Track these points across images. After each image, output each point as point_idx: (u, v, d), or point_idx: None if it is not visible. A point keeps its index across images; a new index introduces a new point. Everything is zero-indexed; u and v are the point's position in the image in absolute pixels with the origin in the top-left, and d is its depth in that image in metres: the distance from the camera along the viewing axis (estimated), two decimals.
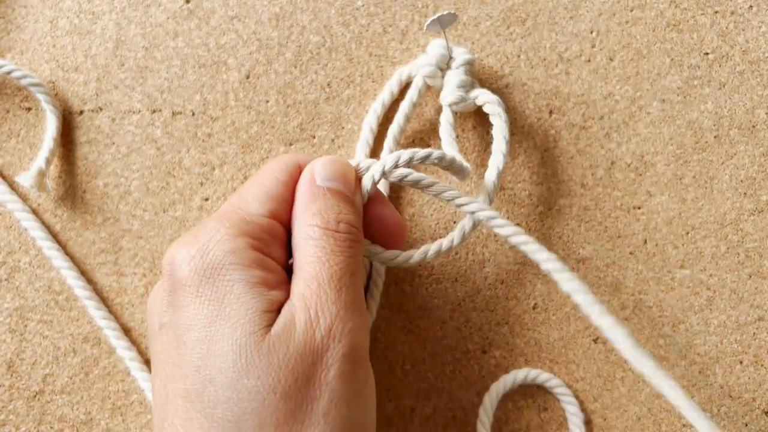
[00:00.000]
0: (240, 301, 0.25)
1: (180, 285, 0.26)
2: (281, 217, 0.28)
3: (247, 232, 0.27)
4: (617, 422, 0.32)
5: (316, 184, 0.28)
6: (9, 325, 0.34)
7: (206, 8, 0.35)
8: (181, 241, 0.27)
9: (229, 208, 0.28)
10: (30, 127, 0.35)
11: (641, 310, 0.33)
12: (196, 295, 0.26)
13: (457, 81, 0.32)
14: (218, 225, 0.27)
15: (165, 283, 0.26)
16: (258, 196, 0.28)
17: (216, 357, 0.25)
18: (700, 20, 0.34)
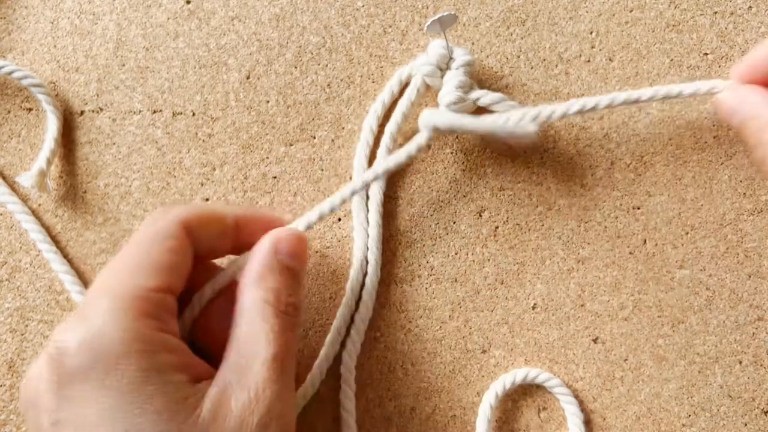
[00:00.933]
0: (158, 392, 0.23)
1: (72, 376, 0.23)
2: (173, 288, 0.26)
3: (143, 311, 0.24)
4: (616, 422, 0.32)
5: (276, 258, 0.27)
6: (10, 325, 0.34)
7: (207, 9, 0.35)
8: (68, 325, 0.24)
9: (114, 282, 0.25)
10: (31, 127, 0.35)
11: (641, 309, 0.33)
12: (98, 387, 0.23)
13: (456, 82, 0.32)
14: (110, 304, 0.24)
15: (49, 372, 0.23)
16: (146, 268, 0.25)
17: None
18: (700, 21, 0.34)
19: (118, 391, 0.23)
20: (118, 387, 0.23)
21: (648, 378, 0.32)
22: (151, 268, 0.26)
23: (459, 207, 0.34)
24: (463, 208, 0.34)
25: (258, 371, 0.25)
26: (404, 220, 0.34)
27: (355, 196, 0.33)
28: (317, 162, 0.34)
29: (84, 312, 0.24)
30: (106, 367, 0.23)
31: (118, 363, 0.23)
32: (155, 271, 0.26)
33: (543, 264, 0.33)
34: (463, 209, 0.34)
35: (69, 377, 0.23)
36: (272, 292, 0.27)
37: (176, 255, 0.26)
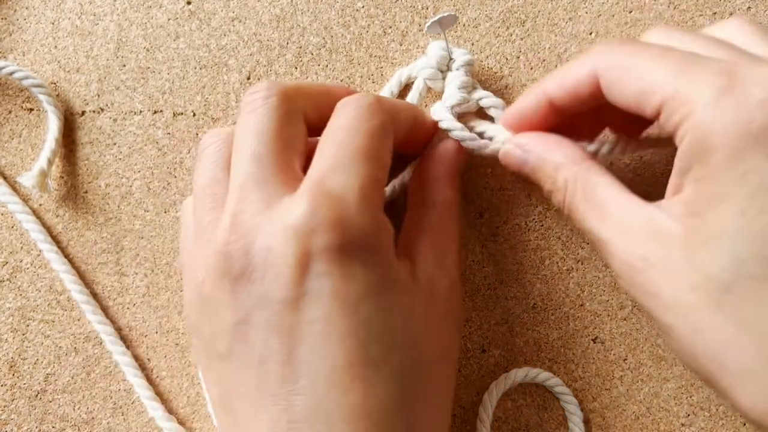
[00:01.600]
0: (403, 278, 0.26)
1: (326, 253, 0.24)
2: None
3: (380, 205, 0.26)
4: (616, 421, 0.32)
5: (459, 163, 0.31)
6: (11, 325, 0.34)
7: (207, 10, 0.35)
8: (315, 207, 0.24)
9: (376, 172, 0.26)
10: (32, 127, 0.35)
11: (640, 309, 0.33)
12: (363, 263, 0.24)
13: (458, 83, 0.32)
14: (360, 195, 0.25)
15: (293, 246, 0.24)
16: (380, 161, 0.26)
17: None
18: (699, 21, 0.34)
19: (377, 273, 0.25)
20: (378, 268, 0.25)
21: (647, 377, 0.33)
22: (384, 163, 0.27)
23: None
24: (463, 208, 0.34)
25: (453, 268, 0.29)
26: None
27: None
28: None
29: (333, 195, 0.24)
30: (366, 251, 0.25)
31: (373, 250, 0.25)
32: (386, 169, 0.27)
33: (542, 264, 0.33)
34: (463, 209, 0.34)
35: (323, 254, 0.24)
36: (459, 196, 0.30)
37: (390, 153, 0.27)
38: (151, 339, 0.34)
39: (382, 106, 0.27)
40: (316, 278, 0.24)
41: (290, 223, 0.24)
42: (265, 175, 0.25)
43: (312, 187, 0.24)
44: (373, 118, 0.27)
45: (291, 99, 0.27)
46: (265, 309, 0.24)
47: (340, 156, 0.25)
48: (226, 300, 0.25)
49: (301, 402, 0.23)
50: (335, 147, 0.26)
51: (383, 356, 0.24)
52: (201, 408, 0.33)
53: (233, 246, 0.24)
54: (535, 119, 0.29)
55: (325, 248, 0.24)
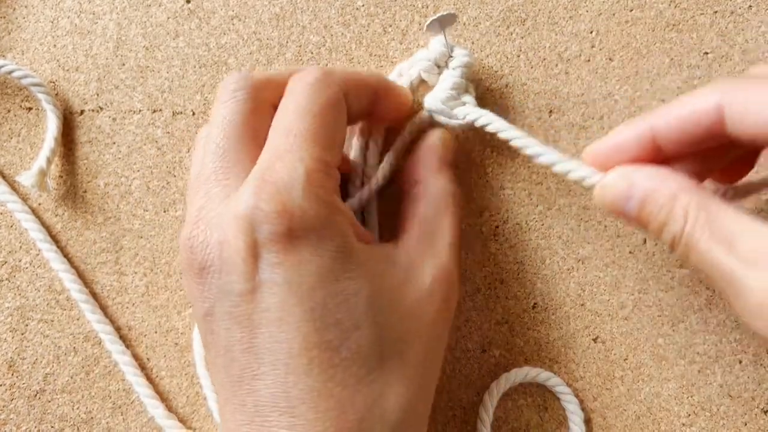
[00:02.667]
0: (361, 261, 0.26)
1: (275, 243, 0.24)
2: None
3: (332, 189, 0.26)
4: (617, 421, 0.32)
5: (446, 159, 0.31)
6: (10, 325, 0.34)
7: (207, 8, 0.35)
8: (261, 194, 0.24)
9: (305, 155, 0.25)
10: (31, 126, 0.35)
11: (641, 309, 0.33)
12: (311, 250, 0.24)
13: (451, 83, 0.31)
14: (304, 179, 0.25)
15: (244, 238, 0.24)
16: (329, 142, 0.26)
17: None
18: (700, 20, 0.34)
19: (329, 258, 0.25)
20: (330, 253, 0.25)
21: (648, 377, 0.32)
22: (333, 143, 0.27)
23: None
24: (464, 207, 0.34)
25: (444, 252, 0.28)
26: None
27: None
28: None
29: (277, 184, 0.24)
30: (315, 237, 0.24)
31: (322, 235, 0.25)
32: (336, 147, 0.27)
33: (543, 263, 0.33)
34: (463, 208, 0.33)
35: (270, 244, 0.24)
36: (454, 185, 0.30)
37: (344, 128, 0.28)
38: (150, 338, 0.34)
39: (332, 80, 0.27)
40: (268, 267, 0.24)
41: (237, 214, 0.24)
42: (228, 168, 0.26)
43: (257, 177, 0.25)
44: (319, 96, 0.26)
45: (260, 91, 0.27)
46: (225, 301, 0.25)
47: (284, 142, 0.25)
48: (193, 292, 0.26)
49: (263, 387, 0.24)
50: (281, 133, 0.26)
51: (341, 338, 0.24)
52: (200, 408, 0.33)
53: (194, 240, 0.25)
54: (628, 157, 0.27)
55: (271, 238, 0.24)
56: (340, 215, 0.26)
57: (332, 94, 0.27)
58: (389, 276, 0.27)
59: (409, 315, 0.27)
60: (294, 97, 0.27)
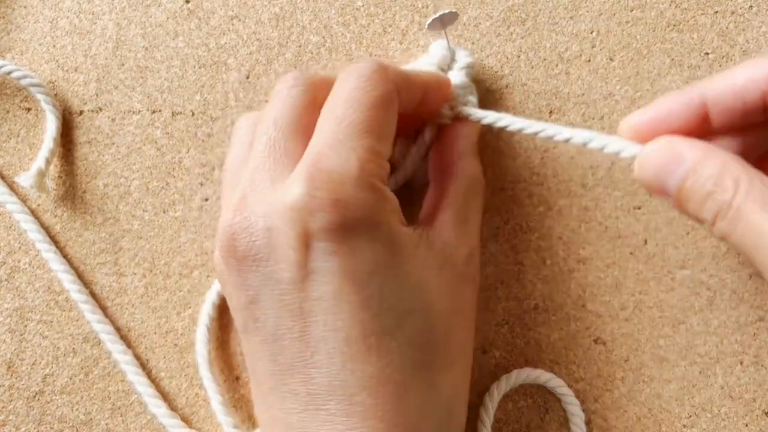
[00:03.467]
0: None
1: (332, 232, 0.24)
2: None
3: (383, 179, 0.26)
4: (618, 422, 0.32)
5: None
6: (9, 326, 0.34)
7: (206, 8, 0.35)
8: (314, 184, 0.24)
9: (356, 145, 0.25)
10: (30, 127, 0.35)
11: (641, 310, 0.33)
12: (367, 240, 0.24)
13: (458, 83, 0.32)
14: (358, 172, 0.25)
15: (294, 227, 0.24)
16: (383, 135, 0.26)
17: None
18: (701, 20, 0.34)
19: (382, 246, 0.25)
20: (383, 241, 0.25)
21: (649, 378, 0.32)
22: (385, 135, 0.26)
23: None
24: None
25: (474, 235, 0.29)
26: None
27: None
28: None
29: (330, 173, 0.24)
30: (368, 225, 0.24)
31: (375, 223, 0.25)
32: (388, 140, 0.27)
33: (544, 264, 0.33)
34: None
35: (324, 233, 0.24)
36: (480, 169, 0.31)
37: (395, 123, 0.27)
38: (149, 339, 0.33)
39: (387, 75, 0.27)
40: (322, 257, 0.24)
41: (288, 203, 0.24)
42: (277, 159, 0.26)
43: (308, 166, 0.24)
44: (374, 89, 0.26)
45: (316, 89, 0.27)
46: (272, 288, 0.24)
47: (336, 131, 0.25)
48: (233, 280, 0.25)
49: (319, 375, 0.24)
50: (332, 122, 0.26)
51: (396, 324, 0.25)
52: (200, 409, 0.33)
53: (237, 227, 0.25)
54: (673, 129, 0.25)
55: (325, 227, 0.24)
56: (390, 203, 0.26)
57: (387, 90, 0.27)
58: (431, 260, 0.27)
59: (450, 298, 0.27)
60: (346, 89, 0.26)
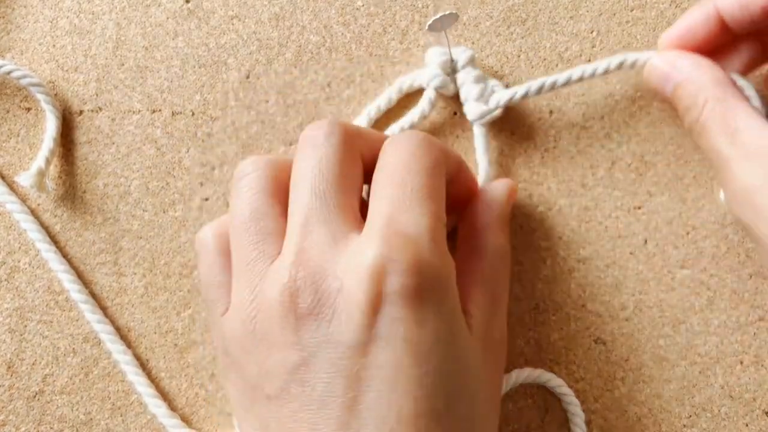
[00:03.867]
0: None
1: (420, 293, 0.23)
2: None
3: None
4: (618, 422, 0.32)
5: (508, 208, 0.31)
6: (9, 326, 0.33)
7: (206, 8, 0.35)
8: (342, 247, 0.24)
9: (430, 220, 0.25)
10: (30, 127, 0.35)
11: (641, 310, 0.33)
12: (433, 309, 0.24)
13: (472, 78, 0.32)
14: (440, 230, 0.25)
15: (371, 291, 0.23)
16: (443, 201, 0.26)
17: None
18: None
19: (446, 320, 0.24)
20: (448, 314, 0.24)
21: (649, 378, 0.32)
22: (443, 200, 0.26)
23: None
24: None
25: (504, 314, 0.29)
26: None
27: None
28: None
29: (407, 235, 0.24)
30: (438, 295, 0.24)
31: (444, 294, 0.24)
32: (444, 206, 0.26)
33: (544, 264, 0.33)
34: None
35: (397, 297, 0.23)
36: (509, 241, 0.30)
37: (445, 189, 0.27)
38: (149, 340, 0.33)
39: (433, 143, 0.27)
40: (389, 322, 0.23)
41: (365, 263, 0.23)
42: (329, 211, 0.25)
43: (383, 227, 0.24)
44: (427, 155, 0.26)
45: (352, 139, 0.27)
46: (330, 351, 0.23)
47: (402, 195, 0.25)
48: (285, 339, 0.24)
49: None
50: (396, 186, 0.25)
51: (446, 408, 0.24)
52: (200, 409, 0.33)
53: (301, 283, 0.24)
54: (699, 38, 0.30)
55: (400, 291, 0.23)
56: (454, 273, 0.25)
57: (438, 157, 0.27)
58: (475, 342, 0.26)
59: (490, 385, 0.27)
60: (400, 155, 0.26)
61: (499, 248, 0.29)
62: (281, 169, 0.27)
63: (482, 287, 0.28)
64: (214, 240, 0.28)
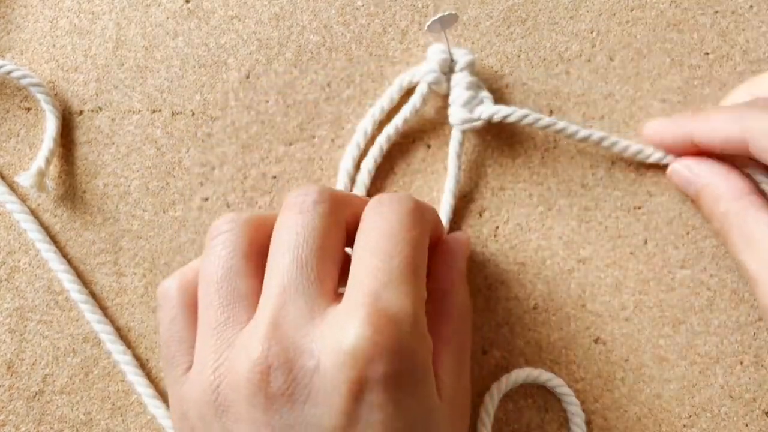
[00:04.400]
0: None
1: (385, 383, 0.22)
2: None
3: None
4: (618, 422, 0.32)
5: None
6: (9, 326, 0.33)
7: (206, 8, 0.35)
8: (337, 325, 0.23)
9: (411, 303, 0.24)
10: (30, 127, 0.35)
11: (641, 310, 0.33)
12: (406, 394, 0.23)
13: (465, 83, 0.32)
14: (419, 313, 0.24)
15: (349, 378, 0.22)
16: (425, 276, 0.26)
17: None
18: (701, 20, 0.34)
19: (424, 407, 0.24)
20: (424, 401, 0.24)
21: (649, 378, 0.32)
22: (425, 276, 0.26)
23: (459, 207, 0.33)
24: (464, 207, 0.33)
25: (468, 369, 0.29)
26: None
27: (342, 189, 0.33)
28: (317, 161, 0.34)
29: (391, 317, 0.23)
30: (417, 381, 0.24)
31: (422, 380, 0.24)
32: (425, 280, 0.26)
33: (544, 264, 0.33)
34: (463, 209, 0.33)
35: (378, 383, 0.22)
36: (468, 295, 0.30)
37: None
38: (149, 339, 0.33)
39: (423, 213, 0.26)
40: (368, 408, 0.22)
41: (346, 344, 0.22)
42: (309, 282, 0.24)
43: (366, 304, 0.23)
44: (415, 227, 0.25)
45: (339, 207, 0.26)
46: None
47: (386, 269, 0.24)
48: (252, 417, 0.23)
49: None
50: (382, 258, 0.24)
51: None
52: None
53: (273, 360, 0.22)
54: (675, 150, 0.32)
55: (382, 378, 0.22)
56: (431, 353, 0.24)
57: (425, 229, 0.26)
58: (442, 412, 0.25)
59: None
60: (387, 221, 0.25)
61: (464, 308, 0.29)
62: (259, 230, 0.26)
63: (451, 349, 0.27)
64: (178, 293, 0.27)
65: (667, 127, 0.31)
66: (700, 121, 0.30)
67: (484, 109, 0.32)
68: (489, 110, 0.32)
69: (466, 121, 0.32)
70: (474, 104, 0.32)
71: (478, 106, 0.32)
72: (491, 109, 0.32)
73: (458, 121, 0.32)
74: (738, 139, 0.28)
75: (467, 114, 0.32)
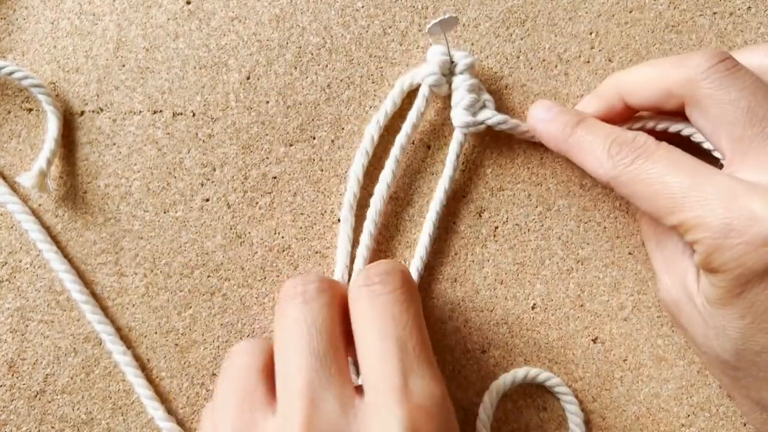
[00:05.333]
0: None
1: None
2: None
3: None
4: (616, 422, 0.32)
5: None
6: (10, 325, 0.34)
7: (207, 9, 0.35)
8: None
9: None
10: (31, 127, 0.35)
11: (640, 310, 0.33)
12: None
13: (467, 86, 0.32)
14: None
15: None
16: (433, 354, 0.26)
17: None
18: (699, 21, 0.34)
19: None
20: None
21: (647, 378, 0.33)
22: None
23: (459, 207, 0.34)
24: (463, 208, 0.34)
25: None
26: (403, 220, 0.34)
27: (352, 197, 0.33)
28: (317, 162, 0.34)
29: (427, 409, 0.23)
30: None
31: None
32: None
33: (542, 264, 0.33)
34: (462, 209, 0.34)
35: None
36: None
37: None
38: (150, 339, 0.34)
39: (413, 283, 0.26)
40: None
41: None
42: (332, 375, 0.24)
43: (401, 403, 0.23)
44: (411, 305, 0.25)
45: (337, 292, 0.26)
46: None
47: (404, 357, 0.24)
48: None
49: None
50: (394, 343, 0.24)
51: None
52: (200, 408, 0.33)
53: None
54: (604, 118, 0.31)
55: None
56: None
57: (419, 303, 0.26)
58: None
59: None
60: (386, 305, 0.25)
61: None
62: (270, 353, 0.26)
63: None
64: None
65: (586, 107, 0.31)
66: (629, 79, 0.30)
67: (487, 115, 0.32)
68: (496, 119, 0.32)
69: (470, 125, 0.32)
70: (477, 107, 0.32)
71: (482, 109, 0.32)
72: (498, 117, 0.32)
73: (462, 124, 0.32)
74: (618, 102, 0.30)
75: (470, 117, 0.32)
